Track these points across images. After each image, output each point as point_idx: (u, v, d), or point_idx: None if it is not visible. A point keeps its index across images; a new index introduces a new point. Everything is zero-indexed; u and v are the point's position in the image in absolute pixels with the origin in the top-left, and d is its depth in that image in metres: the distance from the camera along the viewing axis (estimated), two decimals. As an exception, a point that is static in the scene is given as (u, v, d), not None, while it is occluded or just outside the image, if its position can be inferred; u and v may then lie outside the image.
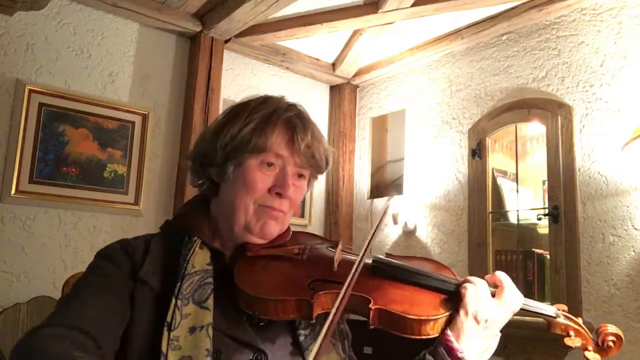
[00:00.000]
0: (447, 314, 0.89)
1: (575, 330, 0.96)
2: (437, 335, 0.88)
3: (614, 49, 2.57)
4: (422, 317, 0.87)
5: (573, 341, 0.94)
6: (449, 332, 0.88)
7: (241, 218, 0.97)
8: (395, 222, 3.46)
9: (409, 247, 3.39)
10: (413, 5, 2.92)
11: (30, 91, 2.73)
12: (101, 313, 0.84)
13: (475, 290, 0.90)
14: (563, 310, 0.98)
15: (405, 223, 3.38)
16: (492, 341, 0.91)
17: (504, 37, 3.06)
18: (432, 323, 0.87)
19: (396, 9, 2.98)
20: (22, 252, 2.66)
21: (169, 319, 0.85)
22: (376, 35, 3.34)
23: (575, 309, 2.47)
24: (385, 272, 0.96)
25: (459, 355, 0.86)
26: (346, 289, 0.81)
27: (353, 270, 0.82)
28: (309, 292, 0.89)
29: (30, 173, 2.69)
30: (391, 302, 0.88)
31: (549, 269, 2.62)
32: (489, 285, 0.95)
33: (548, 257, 2.65)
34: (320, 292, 0.88)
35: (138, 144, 3.03)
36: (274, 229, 0.99)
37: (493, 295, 0.93)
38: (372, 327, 0.89)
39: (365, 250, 0.86)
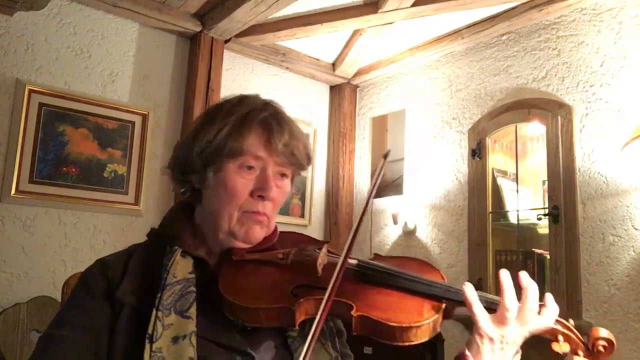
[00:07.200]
0: (431, 320, 0.85)
1: (565, 334, 0.88)
2: (422, 341, 0.85)
3: (614, 49, 2.57)
4: (404, 325, 0.83)
5: (561, 347, 0.87)
6: (467, 352, 0.85)
7: (225, 225, 0.95)
8: (395, 222, 3.46)
9: (409, 247, 3.38)
10: (413, 5, 2.92)
11: (30, 91, 2.73)
12: None
13: (486, 312, 0.85)
14: None
15: (405, 223, 3.39)
16: (514, 359, 0.88)
17: (504, 37, 3.06)
18: (415, 330, 0.84)
19: (396, 9, 2.97)
20: (22, 252, 2.66)
21: (150, 331, 0.84)
22: (376, 35, 3.34)
23: (575, 309, 2.48)
24: (370, 277, 0.92)
25: None
26: (329, 296, 0.79)
27: (334, 277, 0.81)
28: (291, 299, 0.87)
29: (30, 173, 2.69)
30: (374, 308, 0.85)
31: (549, 269, 2.62)
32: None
33: (548, 257, 2.65)
34: (302, 299, 0.86)
35: (138, 144, 3.03)
36: (258, 234, 0.97)
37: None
38: (355, 333, 0.87)
39: (346, 254, 0.84)
